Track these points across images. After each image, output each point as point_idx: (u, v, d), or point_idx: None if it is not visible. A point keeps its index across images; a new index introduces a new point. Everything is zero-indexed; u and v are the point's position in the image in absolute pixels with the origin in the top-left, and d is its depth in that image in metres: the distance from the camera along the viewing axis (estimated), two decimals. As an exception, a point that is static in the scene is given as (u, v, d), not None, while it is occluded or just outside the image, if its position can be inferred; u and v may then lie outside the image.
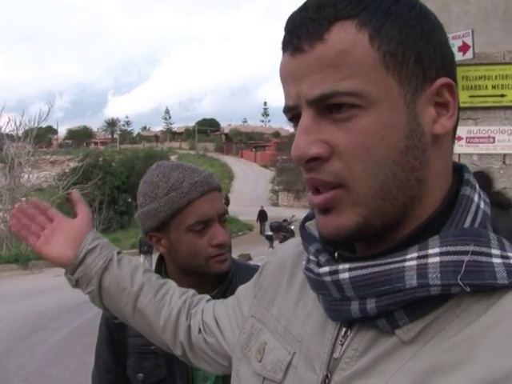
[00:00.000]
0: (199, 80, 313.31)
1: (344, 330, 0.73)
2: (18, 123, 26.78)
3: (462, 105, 6.29)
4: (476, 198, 0.70)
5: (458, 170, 0.75)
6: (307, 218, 0.83)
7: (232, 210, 32.77)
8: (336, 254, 0.73)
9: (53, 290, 13.75)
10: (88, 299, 1.29)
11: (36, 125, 26.77)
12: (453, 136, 0.73)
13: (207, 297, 1.24)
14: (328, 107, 0.67)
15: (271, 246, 19.05)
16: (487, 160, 6.21)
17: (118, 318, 1.60)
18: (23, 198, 26.56)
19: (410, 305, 0.65)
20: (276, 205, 42.98)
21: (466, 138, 6.24)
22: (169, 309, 1.19)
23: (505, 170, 6.19)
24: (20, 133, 26.93)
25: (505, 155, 6.24)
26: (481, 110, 6.30)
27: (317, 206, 0.70)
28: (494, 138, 6.24)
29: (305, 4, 0.70)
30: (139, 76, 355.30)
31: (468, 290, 0.62)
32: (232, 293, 1.58)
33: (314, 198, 0.69)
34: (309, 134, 0.67)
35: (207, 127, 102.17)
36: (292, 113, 0.71)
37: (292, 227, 19.09)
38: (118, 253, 1.26)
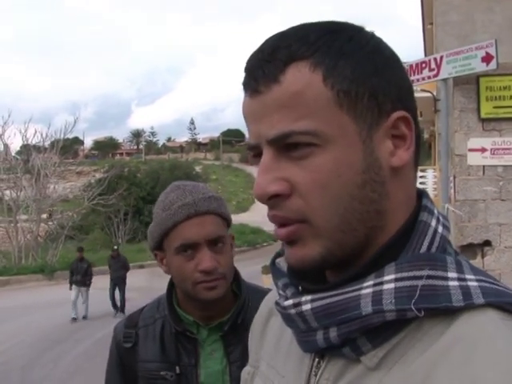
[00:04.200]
0: (222, 90, 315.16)
1: (317, 360, 0.75)
2: (44, 135, 27.31)
3: (486, 116, 6.21)
4: (433, 223, 0.71)
5: (419, 196, 0.76)
6: (278, 255, 0.85)
7: (257, 220, 32.92)
8: (300, 288, 0.75)
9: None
10: (110, 311, 1.28)
11: (62, 136, 27.25)
12: (414, 165, 0.75)
13: None
14: (286, 146, 0.69)
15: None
16: (512, 172, 6.08)
17: (129, 343, 1.60)
18: (49, 209, 27.02)
19: (371, 331, 0.67)
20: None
21: (491, 149, 6.12)
22: None
23: (531, 182, 6.06)
24: (46, 144, 27.44)
25: (531, 167, 6.11)
26: (505, 120, 6.18)
27: (282, 239, 0.72)
28: (519, 150, 6.13)
29: (261, 46, 0.72)
30: (163, 86, 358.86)
31: (421, 314, 0.63)
32: (244, 318, 1.54)
33: (279, 231, 0.71)
34: (269, 172, 0.69)
35: (232, 138, 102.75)
36: (255, 151, 0.73)
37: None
38: None
